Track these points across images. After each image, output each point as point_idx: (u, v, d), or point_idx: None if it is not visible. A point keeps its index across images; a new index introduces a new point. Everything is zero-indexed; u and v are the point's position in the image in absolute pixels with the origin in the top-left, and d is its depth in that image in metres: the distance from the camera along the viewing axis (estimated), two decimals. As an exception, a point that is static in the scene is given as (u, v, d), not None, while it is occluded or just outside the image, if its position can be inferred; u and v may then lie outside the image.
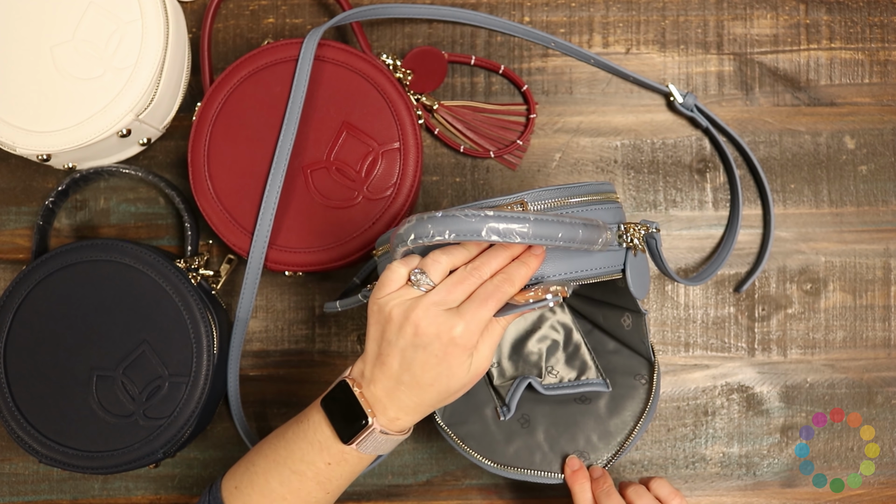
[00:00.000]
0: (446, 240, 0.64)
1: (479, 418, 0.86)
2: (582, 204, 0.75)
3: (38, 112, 0.84)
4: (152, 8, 0.85)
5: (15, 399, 0.86)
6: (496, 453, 0.84)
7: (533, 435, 0.85)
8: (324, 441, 0.74)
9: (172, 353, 0.86)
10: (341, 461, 0.74)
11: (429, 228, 0.65)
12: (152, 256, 0.87)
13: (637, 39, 0.98)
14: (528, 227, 0.65)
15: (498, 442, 0.85)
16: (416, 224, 0.66)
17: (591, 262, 0.73)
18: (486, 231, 0.64)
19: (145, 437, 0.86)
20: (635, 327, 0.85)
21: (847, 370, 0.97)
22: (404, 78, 0.93)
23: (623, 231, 0.76)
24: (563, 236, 0.66)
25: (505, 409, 0.86)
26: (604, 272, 0.74)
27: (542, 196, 0.73)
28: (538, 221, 0.65)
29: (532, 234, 0.65)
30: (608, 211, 0.76)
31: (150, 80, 0.85)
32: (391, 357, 0.70)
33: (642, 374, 0.87)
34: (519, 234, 0.64)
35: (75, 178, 0.91)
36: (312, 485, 0.75)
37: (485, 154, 0.95)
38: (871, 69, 0.98)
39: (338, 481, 0.76)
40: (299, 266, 0.88)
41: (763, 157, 0.97)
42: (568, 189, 0.75)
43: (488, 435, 0.85)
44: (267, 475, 0.77)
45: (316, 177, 0.88)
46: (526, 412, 0.87)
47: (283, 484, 0.76)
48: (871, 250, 0.97)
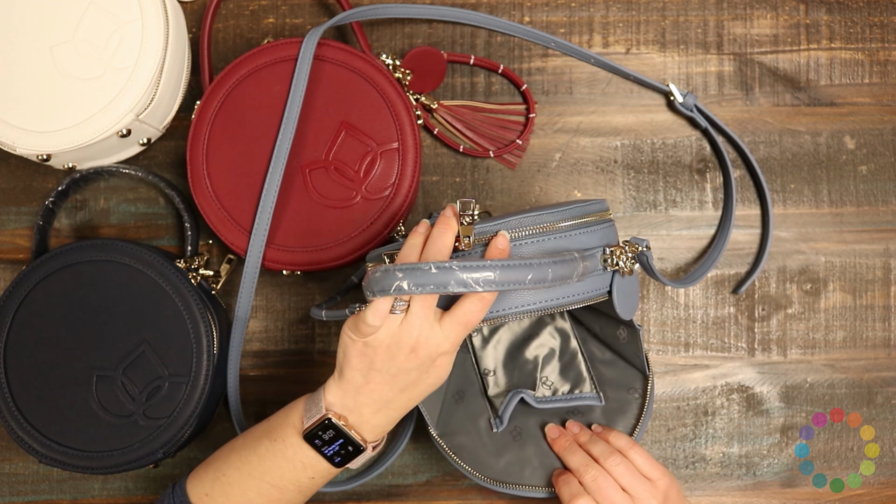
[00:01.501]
0: (412, 292, 0.65)
1: (472, 429, 0.87)
2: (569, 228, 0.74)
3: (38, 112, 0.84)
4: (152, 8, 0.85)
5: (15, 399, 0.86)
6: (487, 467, 0.85)
7: (524, 448, 0.86)
8: (307, 461, 0.76)
9: (172, 353, 0.86)
10: (327, 475, 0.78)
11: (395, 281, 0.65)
12: (152, 256, 0.87)
13: (637, 39, 0.98)
14: (496, 274, 0.65)
15: (490, 455, 0.85)
16: (383, 275, 0.66)
17: (574, 288, 0.73)
18: (454, 284, 0.65)
19: (145, 438, 0.86)
20: (631, 341, 0.85)
21: (847, 370, 0.97)
22: (403, 78, 0.93)
23: (609, 255, 0.75)
24: (533, 278, 0.66)
25: (498, 421, 0.87)
26: (588, 296, 0.74)
27: (524, 223, 0.72)
28: (505, 268, 0.65)
29: (499, 280, 0.65)
30: (596, 233, 0.75)
31: (150, 80, 0.85)
32: (381, 384, 0.73)
33: (636, 387, 0.87)
34: (485, 282, 0.65)
35: (75, 178, 0.91)
36: (293, 494, 0.79)
37: (484, 154, 0.95)
38: (871, 69, 0.98)
39: (315, 489, 0.80)
40: (297, 265, 0.88)
41: (763, 158, 0.97)
42: (554, 213, 0.74)
43: (480, 447, 0.86)
44: (243, 487, 0.78)
45: (314, 176, 0.88)
46: (518, 424, 0.88)
47: (262, 495, 0.78)
48: (871, 250, 0.97)
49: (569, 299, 0.73)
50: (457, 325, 0.70)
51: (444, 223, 0.71)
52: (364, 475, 0.94)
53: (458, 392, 0.89)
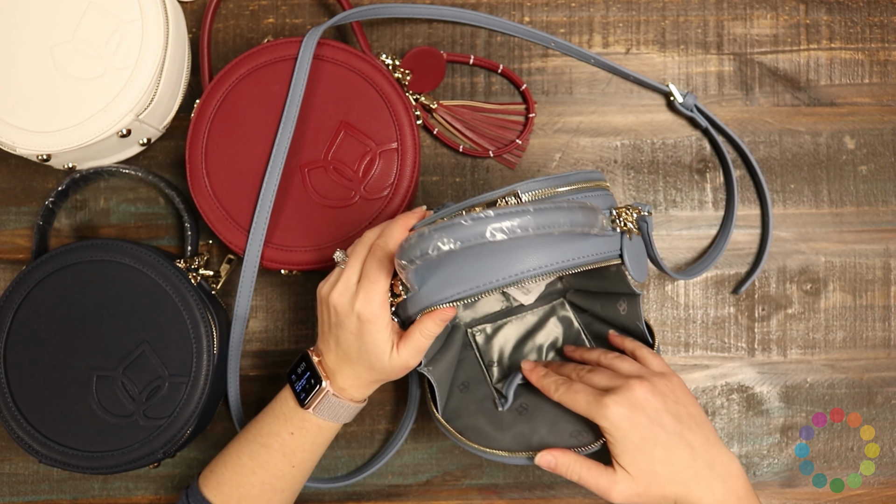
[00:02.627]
0: (452, 249, 0.64)
1: (477, 411, 0.85)
2: (572, 192, 0.75)
3: (38, 112, 0.84)
4: (152, 8, 0.85)
5: (15, 399, 0.86)
6: (494, 440, 0.82)
7: (531, 420, 0.84)
8: (287, 412, 0.80)
9: (172, 353, 0.87)
10: (302, 429, 0.80)
11: (433, 241, 0.64)
12: (152, 256, 0.87)
13: (637, 39, 0.98)
14: (530, 219, 0.64)
15: (496, 430, 0.83)
16: (419, 239, 0.65)
17: (586, 249, 0.73)
18: (490, 232, 0.64)
19: (145, 438, 0.86)
20: (631, 310, 0.85)
21: (847, 370, 0.97)
22: (403, 78, 0.93)
23: (616, 215, 0.76)
24: (565, 221, 0.65)
25: (503, 400, 0.85)
26: (601, 258, 0.74)
27: (533, 187, 0.74)
28: (539, 211, 0.64)
29: (535, 224, 0.64)
30: (599, 197, 0.77)
31: (150, 80, 0.85)
32: (328, 335, 0.79)
33: None
34: (521, 227, 0.64)
35: (75, 179, 0.91)
36: (279, 457, 0.81)
37: (484, 154, 0.95)
38: (871, 69, 0.98)
39: (301, 453, 0.81)
40: (296, 265, 0.88)
41: (763, 158, 0.97)
42: (558, 178, 0.75)
43: (486, 426, 0.84)
44: (239, 452, 0.82)
45: (313, 176, 0.88)
46: (524, 402, 0.86)
47: (253, 458, 0.81)
48: (871, 250, 0.97)
49: (580, 260, 0.73)
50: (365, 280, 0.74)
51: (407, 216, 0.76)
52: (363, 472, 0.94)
53: (464, 383, 0.89)
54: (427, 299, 0.73)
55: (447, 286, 0.72)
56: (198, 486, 0.83)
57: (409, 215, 0.76)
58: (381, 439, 0.97)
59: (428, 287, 0.73)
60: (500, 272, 0.71)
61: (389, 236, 0.74)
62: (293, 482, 0.83)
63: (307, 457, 0.82)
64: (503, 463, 0.82)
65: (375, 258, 0.74)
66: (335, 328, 0.77)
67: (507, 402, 0.85)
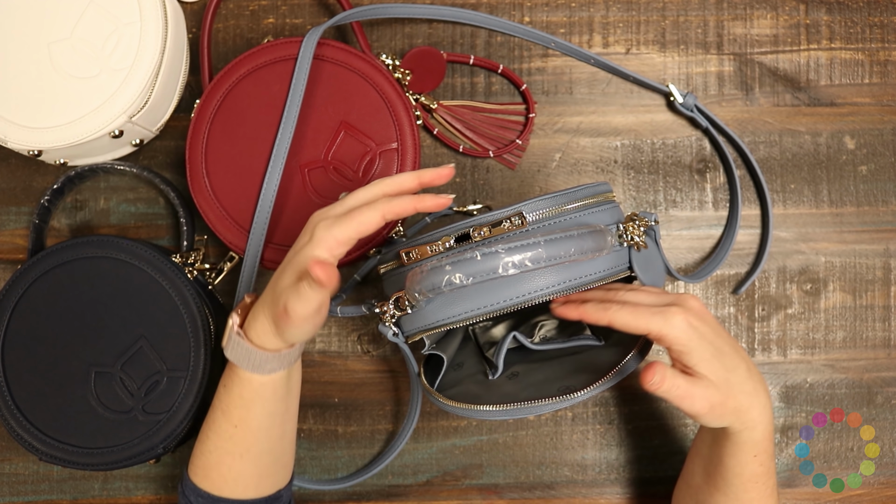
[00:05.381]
0: (465, 285, 0.65)
1: (470, 381, 0.84)
2: (579, 209, 0.75)
3: (32, 107, 0.84)
4: (152, 11, 0.85)
5: (14, 397, 0.86)
6: (481, 399, 0.78)
7: (521, 381, 0.82)
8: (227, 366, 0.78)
9: (170, 348, 0.87)
10: (230, 381, 0.77)
11: (446, 276, 0.65)
12: (148, 252, 0.87)
13: (637, 39, 0.98)
14: (542, 252, 0.65)
15: (485, 391, 0.80)
16: (431, 273, 0.66)
17: (594, 266, 0.73)
18: (502, 267, 0.64)
19: (145, 433, 0.86)
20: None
21: (847, 370, 0.97)
22: (403, 78, 0.94)
23: (622, 230, 0.76)
24: (576, 250, 0.66)
25: (493, 370, 0.83)
26: (609, 273, 0.74)
27: (539, 206, 0.73)
28: (549, 243, 0.65)
29: (546, 256, 0.65)
30: (606, 212, 0.76)
31: (146, 82, 0.85)
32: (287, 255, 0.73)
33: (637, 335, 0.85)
34: (533, 260, 0.65)
35: (70, 176, 0.92)
36: (219, 415, 0.78)
37: (484, 154, 0.96)
38: (871, 69, 0.98)
39: (236, 411, 0.77)
40: (296, 264, 0.88)
41: (763, 158, 0.97)
42: (564, 196, 0.75)
43: (475, 389, 0.81)
44: (206, 430, 0.81)
45: (313, 176, 0.88)
46: (515, 370, 0.84)
47: (207, 423, 0.80)
48: (871, 250, 0.97)
49: (589, 278, 0.73)
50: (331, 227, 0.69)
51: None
52: (363, 474, 0.94)
53: (459, 363, 0.88)
54: (432, 317, 0.73)
55: (454, 305, 0.72)
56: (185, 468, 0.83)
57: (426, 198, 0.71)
58: (381, 440, 0.97)
59: (434, 304, 0.73)
60: (508, 293, 0.72)
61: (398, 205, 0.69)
62: (245, 444, 0.78)
63: (244, 414, 0.77)
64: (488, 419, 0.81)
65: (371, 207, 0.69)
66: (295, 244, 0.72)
67: (497, 371, 0.84)
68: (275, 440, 0.80)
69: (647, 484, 0.97)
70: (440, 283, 0.65)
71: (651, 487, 0.97)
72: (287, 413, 0.81)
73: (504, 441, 0.97)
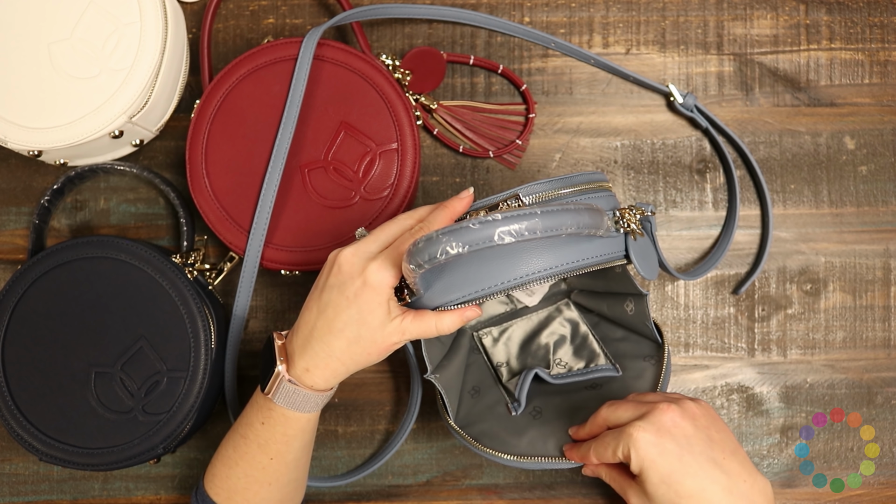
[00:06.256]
0: (461, 252, 0.65)
1: (490, 416, 0.85)
2: (575, 194, 0.75)
3: (32, 108, 0.84)
4: (152, 11, 0.85)
5: (14, 397, 0.86)
6: (509, 446, 0.81)
7: (546, 424, 0.83)
8: (259, 401, 0.77)
9: (170, 348, 0.87)
10: (269, 419, 0.76)
11: (441, 244, 0.65)
12: (148, 252, 0.87)
13: (637, 40, 0.98)
14: (538, 221, 0.64)
15: (511, 435, 0.82)
16: (426, 243, 0.65)
17: (590, 251, 0.73)
18: (498, 235, 0.64)
19: (145, 433, 0.87)
20: (638, 310, 0.85)
21: (847, 370, 0.97)
22: (403, 78, 0.94)
23: (619, 217, 0.76)
24: (572, 222, 0.66)
25: (516, 404, 0.85)
26: (605, 259, 0.74)
27: (535, 189, 0.74)
28: (546, 214, 0.65)
29: (542, 227, 0.64)
30: (602, 199, 0.77)
31: (146, 83, 0.85)
32: (313, 301, 0.74)
33: (651, 355, 0.86)
34: (529, 229, 0.64)
35: (70, 177, 0.92)
36: (254, 447, 0.78)
37: (484, 154, 0.96)
38: (871, 69, 0.98)
39: (275, 445, 0.77)
40: (295, 265, 0.88)
41: (763, 158, 0.97)
42: (560, 181, 0.75)
43: (501, 431, 0.83)
44: (226, 444, 0.81)
45: (313, 176, 0.88)
46: (537, 405, 0.86)
47: (236, 449, 0.79)
48: (871, 250, 0.97)
49: (585, 262, 0.73)
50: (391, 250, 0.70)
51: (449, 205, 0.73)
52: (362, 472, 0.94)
53: (475, 388, 0.88)
54: (432, 303, 0.73)
55: (452, 290, 0.72)
56: (202, 480, 0.83)
57: (454, 202, 0.73)
58: (380, 439, 0.97)
59: (433, 291, 0.73)
60: (505, 275, 0.71)
61: (434, 221, 0.71)
62: (276, 475, 0.79)
63: (282, 448, 0.78)
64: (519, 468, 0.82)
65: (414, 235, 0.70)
66: (328, 291, 0.72)
67: (520, 407, 0.85)
68: (301, 469, 0.82)
69: (647, 484, 0.97)
70: (435, 253, 0.64)
71: (651, 487, 0.97)
72: (313, 440, 0.82)
73: (504, 441, 0.97)
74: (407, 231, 0.72)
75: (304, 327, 0.74)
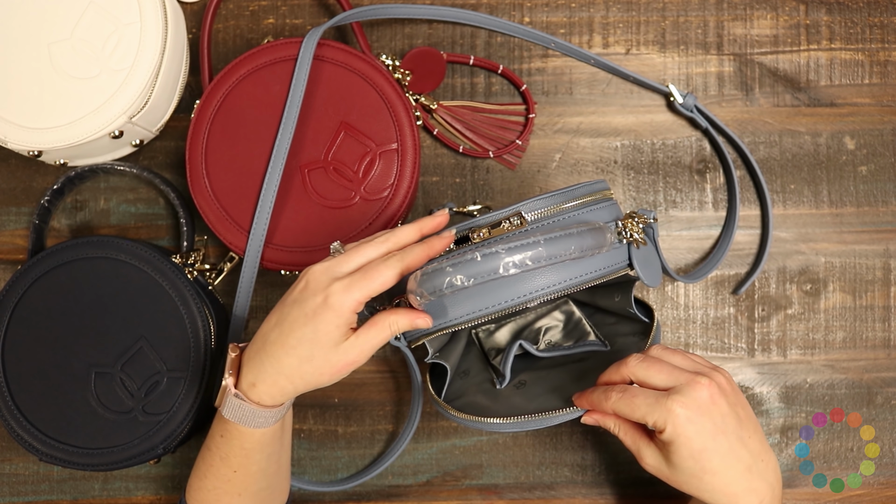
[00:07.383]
0: (466, 286, 0.65)
1: (477, 391, 0.84)
2: (577, 207, 0.75)
3: (32, 108, 0.84)
4: (152, 11, 0.85)
5: (14, 398, 0.86)
6: (487, 410, 0.80)
7: (529, 391, 0.82)
8: (218, 412, 0.77)
9: (170, 349, 0.87)
10: (227, 432, 0.75)
11: (447, 278, 0.65)
12: (148, 252, 0.87)
13: (637, 40, 0.98)
14: (542, 251, 0.65)
15: (493, 402, 0.81)
16: (433, 275, 0.66)
17: (595, 263, 0.73)
18: (503, 267, 0.64)
19: (145, 433, 0.87)
20: (623, 297, 0.85)
21: (847, 370, 0.97)
22: (403, 78, 0.94)
23: (622, 227, 0.76)
24: (575, 247, 0.66)
25: (501, 378, 0.85)
26: (609, 270, 0.74)
27: (537, 206, 0.74)
28: (549, 241, 0.65)
29: (546, 255, 0.65)
30: (604, 210, 0.77)
31: (146, 83, 0.85)
32: (274, 313, 0.72)
33: (642, 332, 0.86)
34: (533, 259, 0.65)
35: (70, 177, 0.92)
36: (217, 460, 0.77)
37: (484, 154, 0.96)
38: (871, 70, 0.98)
39: (235, 458, 0.76)
40: (295, 265, 0.88)
41: (763, 158, 0.97)
42: (562, 194, 0.75)
43: (484, 400, 0.82)
44: (200, 455, 0.81)
45: (313, 176, 0.88)
46: (523, 378, 0.85)
47: (203, 460, 0.79)
48: (871, 251, 0.97)
49: (589, 276, 0.73)
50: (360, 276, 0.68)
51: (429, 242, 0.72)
52: (363, 475, 0.94)
53: (465, 371, 0.88)
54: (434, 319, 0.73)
55: (455, 307, 0.73)
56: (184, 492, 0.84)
57: (434, 242, 0.71)
58: (381, 440, 0.97)
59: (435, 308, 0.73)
60: (508, 293, 0.72)
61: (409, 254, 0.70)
62: (244, 485, 0.78)
63: (244, 461, 0.76)
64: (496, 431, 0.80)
65: (387, 265, 0.69)
66: (290, 305, 0.70)
67: (504, 381, 0.85)
68: (271, 476, 0.81)
69: (648, 484, 0.97)
70: (441, 285, 0.66)
71: (651, 488, 0.97)
72: (283, 448, 0.81)
73: (504, 441, 0.97)
74: (380, 258, 0.70)
75: (258, 339, 0.73)
